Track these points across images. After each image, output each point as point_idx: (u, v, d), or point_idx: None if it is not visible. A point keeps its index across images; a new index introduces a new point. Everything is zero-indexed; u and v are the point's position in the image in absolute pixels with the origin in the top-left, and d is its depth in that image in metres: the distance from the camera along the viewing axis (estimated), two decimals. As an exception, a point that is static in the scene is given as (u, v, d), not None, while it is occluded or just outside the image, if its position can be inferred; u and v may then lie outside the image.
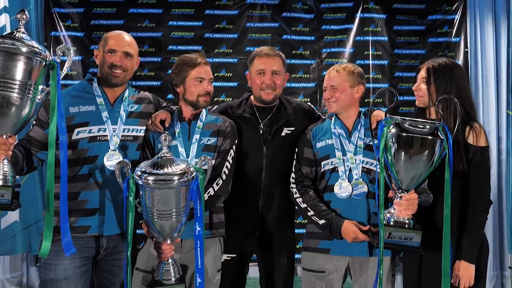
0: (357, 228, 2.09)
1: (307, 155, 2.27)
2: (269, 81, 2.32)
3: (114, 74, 2.09)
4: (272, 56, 2.35)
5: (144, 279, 2.10)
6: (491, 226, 3.86)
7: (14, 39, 1.59)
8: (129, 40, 2.16)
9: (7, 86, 1.58)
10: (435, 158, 1.88)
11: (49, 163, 1.72)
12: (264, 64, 2.33)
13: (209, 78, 2.20)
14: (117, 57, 2.09)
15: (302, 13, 4.06)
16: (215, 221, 2.20)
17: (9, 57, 1.58)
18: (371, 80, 3.98)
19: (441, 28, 4.06)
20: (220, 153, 2.19)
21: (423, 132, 1.87)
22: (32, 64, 1.62)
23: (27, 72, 1.60)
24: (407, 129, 1.88)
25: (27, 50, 1.60)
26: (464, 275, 1.99)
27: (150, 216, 1.87)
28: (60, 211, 1.75)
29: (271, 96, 2.34)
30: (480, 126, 2.05)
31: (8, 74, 1.57)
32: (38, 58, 1.63)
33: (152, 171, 1.82)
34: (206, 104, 2.21)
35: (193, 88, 2.18)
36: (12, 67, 1.58)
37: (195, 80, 2.18)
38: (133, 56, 2.15)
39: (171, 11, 4.01)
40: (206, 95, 2.19)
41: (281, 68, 2.36)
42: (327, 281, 2.19)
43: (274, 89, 2.34)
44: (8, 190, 1.64)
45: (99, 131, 2.06)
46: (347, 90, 2.22)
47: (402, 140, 1.87)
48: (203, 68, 2.19)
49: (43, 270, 2.01)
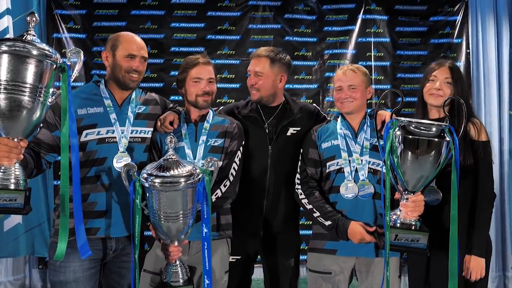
0: (364, 229, 2.09)
1: (312, 156, 2.27)
2: (250, 81, 2.36)
3: (132, 78, 2.09)
4: (257, 57, 2.36)
5: (152, 280, 2.10)
6: (493, 227, 3.86)
7: (25, 42, 1.58)
8: (143, 43, 2.16)
9: (19, 90, 1.56)
10: (442, 159, 1.88)
11: (63, 166, 1.71)
12: (251, 65, 2.38)
13: (208, 78, 2.19)
14: (136, 62, 2.09)
15: (304, 15, 4.08)
16: (223, 223, 2.19)
17: (20, 60, 1.57)
18: (373, 81, 3.98)
19: (443, 29, 4.07)
20: (227, 155, 2.19)
21: (429, 134, 1.87)
22: (43, 67, 1.61)
23: (38, 75, 1.59)
24: (413, 132, 1.88)
25: (38, 53, 1.59)
26: (475, 268, 2.05)
27: (157, 218, 1.87)
28: (74, 214, 1.74)
29: (256, 96, 2.35)
30: (480, 122, 2.13)
31: (19, 78, 1.56)
32: (49, 61, 1.62)
33: (158, 174, 1.81)
34: (206, 104, 2.20)
35: (192, 88, 2.18)
36: (23, 70, 1.57)
37: (193, 80, 2.18)
38: (147, 59, 2.17)
39: (174, 13, 4.02)
40: (205, 95, 2.18)
41: (266, 69, 2.33)
42: (333, 282, 2.19)
43: (258, 90, 2.34)
44: (21, 194, 1.62)
45: (107, 133, 2.05)
46: (363, 90, 2.23)
47: (408, 143, 1.87)
48: (201, 68, 2.18)
49: (52, 272, 2.00)
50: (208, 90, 2.18)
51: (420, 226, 1.93)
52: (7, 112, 1.58)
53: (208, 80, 2.19)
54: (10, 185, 1.63)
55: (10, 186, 1.63)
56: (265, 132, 2.35)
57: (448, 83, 2.13)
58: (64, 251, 1.69)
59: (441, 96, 2.12)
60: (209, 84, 2.19)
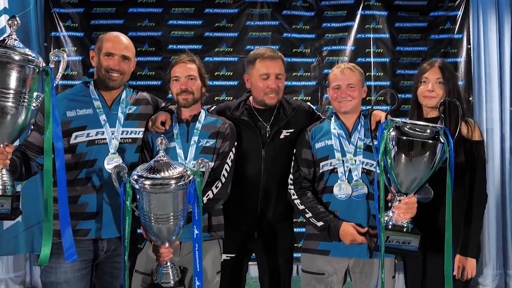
0: (355, 230, 2.08)
1: (305, 156, 2.25)
2: (274, 85, 2.28)
3: (111, 77, 2.08)
4: (276, 59, 2.30)
5: (143, 281, 2.10)
6: (494, 225, 3.85)
7: (6, 48, 1.57)
8: (127, 42, 2.14)
9: (1, 96, 1.56)
10: (436, 161, 1.86)
11: (46, 170, 1.71)
12: (268, 67, 2.28)
13: (187, 75, 2.16)
14: (115, 60, 2.08)
15: (303, 11, 4.02)
16: (214, 223, 2.19)
17: (2, 66, 1.56)
18: (373, 78, 3.94)
19: (444, 25, 4.00)
20: (219, 155, 2.17)
21: (423, 136, 1.85)
22: (25, 72, 1.60)
23: (20, 80, 1.59)
24: (407, 133, 1.86)
25: (20, 58, 1.58)
26: (468, 268, 2.06)
27: (148, 220, 1.86)
28: (60, 218, 1.74)
29: (274, 100, 2.31)
30: (474, 121, 2.12)
31: (1, 84, 1.56)
32: (31, 65, 1.61)
33: (149, 175, 1.80)
34: (186, 103, 2.17)
35: (172, 87, 2.19)
36: (5, 76, 1.56)
37: (172, 79, 2.18)
38: (131, 59, 2.14)
39: (171, 10, 3.99)
40: (183, 93, 2.16)
41: (283, 71, 2.34)
42: (327, 283, 2.18)
43: (277, 93, 2.31)
44: (8, 199, 1.63)
45: (97, 135, 2.05)
46: (360, 89, 2.23)
47: (402, 144, 1.85)
48: (179, 66, 2.17)
49: (44, 273, 2.02)
50: (185, 88, 2.16)
51: (412, 228, 1.92)
52: None
53: (188, 78, 2.17)
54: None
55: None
56: (258, 135, 2.32)
57: (440, 83, 2.12)
58: (48, 255, 1.69)
59: (435, 97, 2.11)
60: (189, 81, 2.17)
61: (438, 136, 1.85)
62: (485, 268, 3.88)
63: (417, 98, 2.18)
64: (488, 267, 3.88)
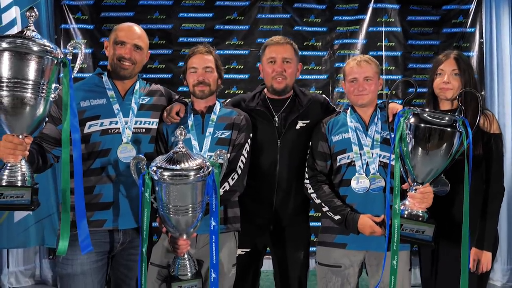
0: (373, 221, 2.07)
1: (321, 149, 2.23)
2: (279, 68, 2.28)
3: (122, 66, 2.07)
4: (283, 43, 2.31)
5: (159, 273, 2.10)
6: (505, 220, 3.83)
7: (25, 39, 1.56)
8: (140, 32, 2.14)
9: (20, 87, 1.55)
10: (453, 151, 1.85)
11: (64, 161, 1.70)
12: (275, 52, 2.30)
13: (204, 66, 2.16)
14: (127, 49, 2.08)
15: (314, 4, 4.01)
16: (230, 216, 2.18)
17: (21, 57, 1.55)
18: (384, 72, 3.92)
19: (456, 19, 3.98)
20: (235, 147, 2.16)
21: (441, 124, 1.84)
22: (44, 63, 1.59)
23: (39, 71, 1.58)
24: (425, 120, 1.85)
25: (39, 49, 1.57)
26: (483, 261, 2.06)
27: (166, 211, 1.85)
28: (76, 209, 1.73)
29: (282, 84, 2.30)
30: (492, 114, 2.11)
31: (20, 75, 1.55)
32: (49, 56, 1.60)
33: (168, 167, 1.79)
34: (202, 94, 2.17)
35: (189, 78, 2.19)
36: (25, 67, 1.55)
37: (190, 70, 2.18)
38: (143, 49, 2.13)
39: (182, 3, 3.98)
40: (200, 85, 2.15)
41: (293, 56, 2.32)
42: (343, 275, 2.17)
43: (285, 78, 2.29)
44: (28, 190, 1.62)
45: (110, 124, 2.04)
46: (377, 82, 2.21)
47: (420, 131, 1.84)
48: (196, 58, 2.17)
49: (60, 265, 2.01)
50: (202, 79, 2.15)
51: (427, 218, 1.91)
52: (10, 109, 1.57)
53: (205, 70, 2.16)
54: (17, 182, 1.63)
55: (17, 183, 1.63)
56: (274, 126, 2.31)
57: (456, 75, 2.11)
58: (66, 247, 1.68)
59: (451, 89, 2.10)
60: (206, 73, 2.16)
61: (455, 125, 1.84)
62: (495, 263, 3.84)
63: (433, 90, 2.17)
64: (498, 262, 3.87)
